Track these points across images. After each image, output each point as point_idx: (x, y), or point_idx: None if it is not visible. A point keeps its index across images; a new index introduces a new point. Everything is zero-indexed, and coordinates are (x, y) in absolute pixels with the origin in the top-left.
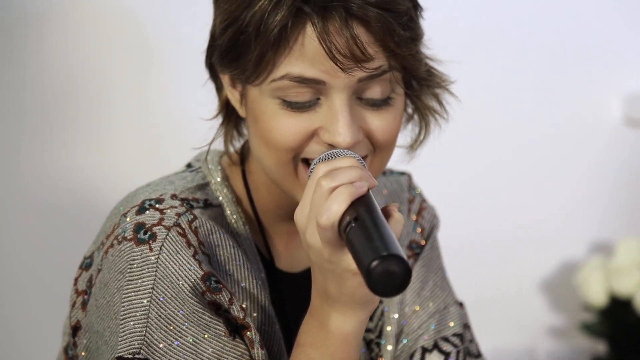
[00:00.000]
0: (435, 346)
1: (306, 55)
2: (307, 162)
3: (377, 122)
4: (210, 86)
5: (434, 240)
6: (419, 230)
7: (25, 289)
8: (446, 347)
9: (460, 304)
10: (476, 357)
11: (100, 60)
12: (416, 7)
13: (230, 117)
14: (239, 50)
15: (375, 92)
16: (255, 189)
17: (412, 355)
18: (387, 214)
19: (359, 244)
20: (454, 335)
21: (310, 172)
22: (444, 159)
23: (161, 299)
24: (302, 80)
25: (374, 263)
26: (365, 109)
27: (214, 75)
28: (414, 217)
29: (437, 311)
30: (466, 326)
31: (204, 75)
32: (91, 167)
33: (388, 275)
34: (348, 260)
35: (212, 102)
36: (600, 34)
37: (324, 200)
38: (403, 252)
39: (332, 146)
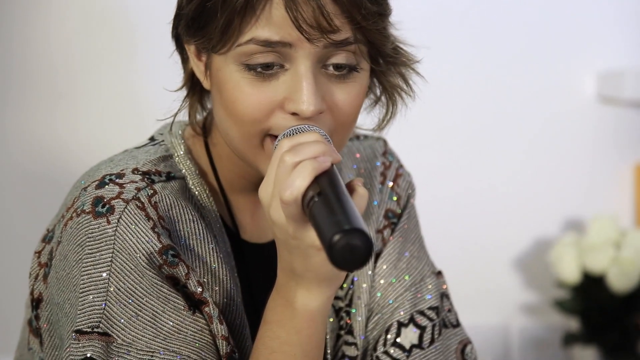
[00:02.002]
0: (411, 320)
1: (272, 23)
2: (275, 137)
3: (340, 94)
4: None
5: (411, 209)
6: (395, 198)
7: (6, 256)
8: (422, 320)
9: (439, 273)
10: (454, 326)
11: (80, 34)
12: None
13: (195, 89)
14: (205, 18)
15: (340, 58)
16: (218, 160)
17: (388, 330)
18: (351, 188)
19: (321, 219)
20: (430, 308)
21: (275, 148)
22: (418, 136)
23: (120, 272)
24: (268, 44)
25: (336, 237)
26: (329, 80)
27: (180, 47)
28: (390, 184)
29: (413, 284)
30: (443, 296)
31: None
32: (71, 135)
33: (350, 249)
34: (312, 236)
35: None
36: (575, 12)
37: (288, 175)
38: (365, 226)
39: (296, 115)
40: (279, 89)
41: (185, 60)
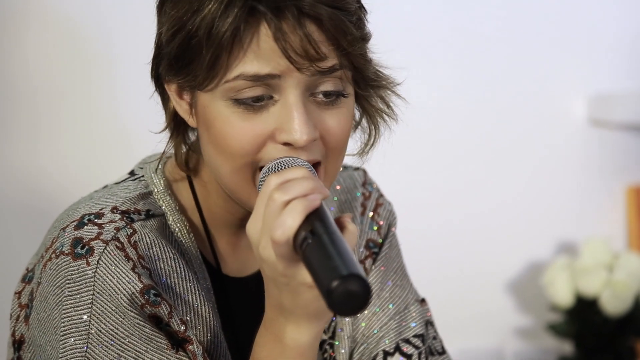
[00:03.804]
0: (397, 349)
1: (260, 55)
2: None
3: (330, 121)
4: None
5: (392, 238)
6: (375, 228)
7: None
8: (408, 349)
9: (422, 300)
10: (440, 354)
11: (62, 61)
12: (362, 8)
13: (179, 129)
14: (189, 56)
15: (328, 85)
16: (206, 195)
17: (373, 359)
18: (340, 225)
19: (318, 263)
20: (416, 336)
21: (261, 183)
22: (409, 159)
23: (101, 314)
24: (258, 79)
25: (334, 284)
26: (318, 107)
27: (160, 87)
28: (370, 214)
29: (397, 312)
30: (428, 323)
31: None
32: (54, 165)
33: (349, 295)
34: (303, 274)
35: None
36: (565, 35)
37: (278, 214)
38: (362, 270)
39: (289, 145)
40: (269, 120)
41: (165, 100)
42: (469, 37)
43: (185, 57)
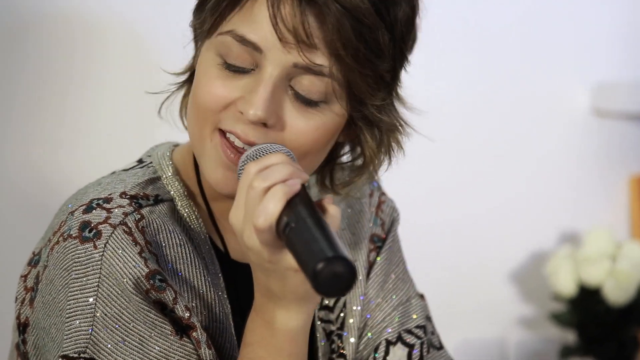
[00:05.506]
0: (399, 338)
1: (252, 21)
2: (221, 132)
3: (296, 119)
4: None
5: (394, 234)
6: (379, 223)
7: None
8: (410, 339)
9: (422, 296)
10: (438, 349)
11: (65, 58)
12: (393, 40)
13: (191, 82)
14: (206, 2)
15: (307, 83)
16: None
17: (376, 348)
18: (322, 208)
19: (301, 247)
20: (417, 327)
21: (240, 171)
22: (413, 151)
23: (107, 297)
24: (243, 41)
25: (320, 265)
26: (291, 102)
27: (195, 41)
28: (373, 210)
29: (400, 304)
30: (428, 318)
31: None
32: (73, 165)
33: (334, 276)
34: (289, 259)
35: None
36: (567, 25)
37: (259, 201)
38: (346, 251)
39: (242, 115)
40: (240, 85)
41: (196, 56)
42: (469, 29)
43: (203, 3)
